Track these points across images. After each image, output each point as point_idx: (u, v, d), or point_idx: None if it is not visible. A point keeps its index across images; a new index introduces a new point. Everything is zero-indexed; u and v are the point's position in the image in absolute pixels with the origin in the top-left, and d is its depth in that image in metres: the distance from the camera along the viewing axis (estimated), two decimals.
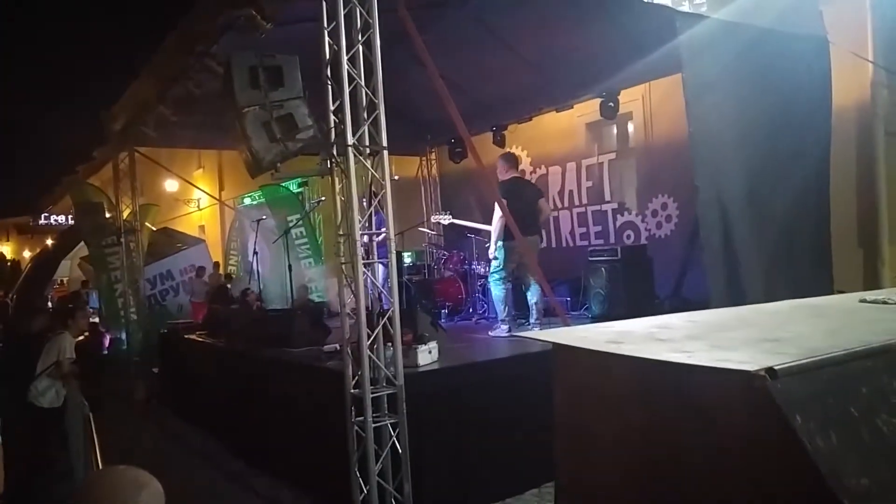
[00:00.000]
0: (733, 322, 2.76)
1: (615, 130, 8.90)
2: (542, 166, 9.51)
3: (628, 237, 8.30)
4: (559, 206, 9.25)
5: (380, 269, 4.30)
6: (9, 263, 30.72)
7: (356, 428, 3.68)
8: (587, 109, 8.42)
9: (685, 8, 4.76)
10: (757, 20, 4.98)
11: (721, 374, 1.73)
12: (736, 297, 4.50)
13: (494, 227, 5.98)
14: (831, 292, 5.10)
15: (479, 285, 7.77)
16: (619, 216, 8.47)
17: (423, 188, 11.21)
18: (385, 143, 3.78)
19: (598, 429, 2.28)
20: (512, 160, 6.58)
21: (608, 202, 8.61)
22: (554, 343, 2.34)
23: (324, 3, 3.68)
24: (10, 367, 5.86)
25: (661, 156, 7.80)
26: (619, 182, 8.64)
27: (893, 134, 5.72)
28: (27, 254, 29.13)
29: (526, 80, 8.12)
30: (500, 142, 9.21)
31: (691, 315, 3.10)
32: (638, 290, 6.59)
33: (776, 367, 1.62)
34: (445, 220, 7.65)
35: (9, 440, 2.82)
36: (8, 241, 35.05)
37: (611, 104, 7.76)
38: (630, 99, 8.01)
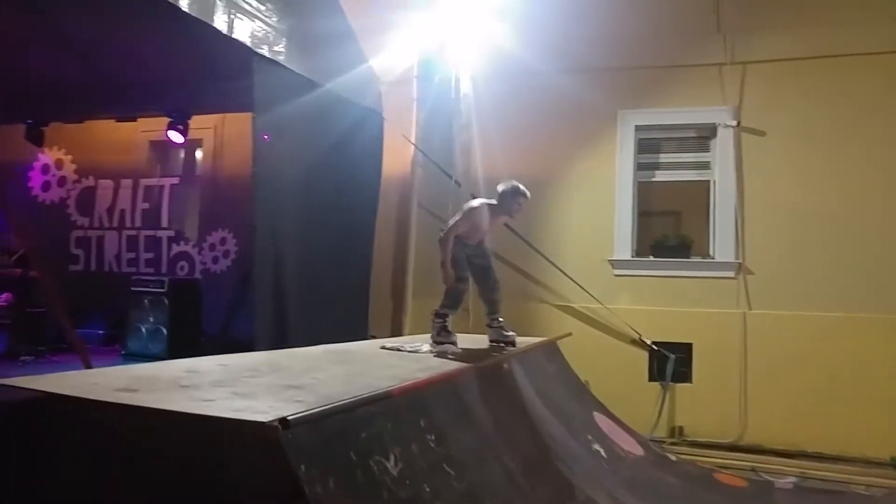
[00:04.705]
0: (265, 366, 2.75)
1: (182, 154, 8.42)
2: (91, 177, 8.33)
3: (182, 268, 7.83)
4: (106, 225, 8.18)
5: None
6: None
7: None
8: (153, 126, 7.72)
9: (264, 51, 4.83)
10: (326, 80, 5.40)
11: (238, 426, 1.64)
12: (279, 338, 4.60)
13: None
14: (367, 337, 5.75)
15: None
16: (174, 245, 7.94)
17: None
18: None
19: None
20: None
21: (165, 228, 8.00)
22: (48, 393, 1.90)
23: None
24: None
25: (227, 189, 7.67)
26: (180, 209, 8.14)
27: (423, 206, 6.87)
28: None
29: (79, 74, 6.88)
30: (36, 138, 7.66)
31: (226, 358, 2.98)
32: (184, 327, 6.20)
33: (290, 418, 1.61)
34: None
35: None
36: None
37: (180, 126, 7.29)
38: (202, 126, 7.70)
